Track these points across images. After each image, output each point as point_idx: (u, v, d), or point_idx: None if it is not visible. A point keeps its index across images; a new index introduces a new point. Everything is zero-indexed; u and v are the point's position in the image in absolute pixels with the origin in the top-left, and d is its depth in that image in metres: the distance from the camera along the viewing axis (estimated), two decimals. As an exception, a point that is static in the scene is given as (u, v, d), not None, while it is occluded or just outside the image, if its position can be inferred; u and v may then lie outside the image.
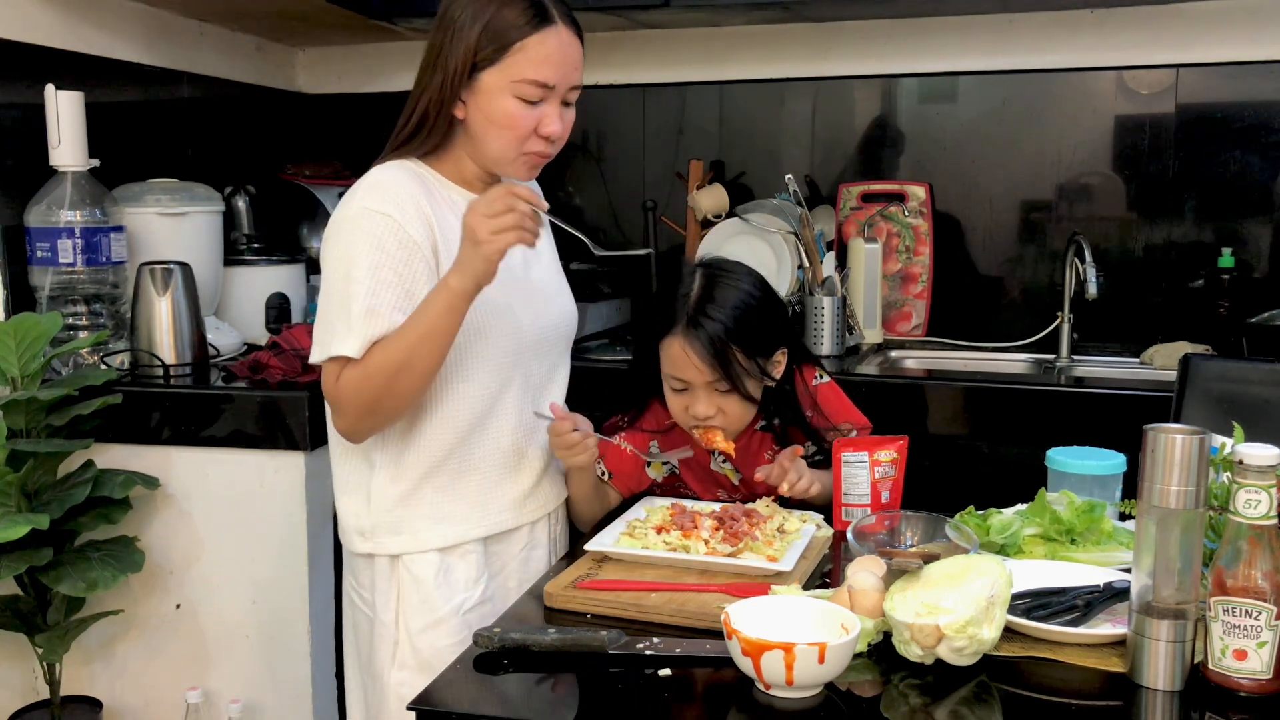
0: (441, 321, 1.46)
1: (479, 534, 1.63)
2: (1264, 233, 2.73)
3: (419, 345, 1.47)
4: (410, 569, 1.60)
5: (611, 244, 3.15)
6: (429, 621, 1.59)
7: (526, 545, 1.70)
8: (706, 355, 1.68)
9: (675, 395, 1.75)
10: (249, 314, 2.60)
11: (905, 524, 1.52)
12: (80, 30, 2.44)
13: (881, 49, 2.93)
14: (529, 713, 1.20)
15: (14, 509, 1.92)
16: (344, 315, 1.50)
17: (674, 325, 1.70)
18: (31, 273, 2.23)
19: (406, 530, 1.60)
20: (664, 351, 1.73)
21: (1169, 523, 1.13)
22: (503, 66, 1.52)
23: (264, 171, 2.97)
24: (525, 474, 1.67)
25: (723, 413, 1.73)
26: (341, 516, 1.66)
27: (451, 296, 1.45)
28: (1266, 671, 1.12)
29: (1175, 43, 2.74)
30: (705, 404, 1.72)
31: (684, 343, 1.69)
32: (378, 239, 1.50)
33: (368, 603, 1.65)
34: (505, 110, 1.53)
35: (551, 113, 1.55)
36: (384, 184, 1.54)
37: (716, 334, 1.68)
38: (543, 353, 1.69)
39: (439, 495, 1.60)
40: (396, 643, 1.61)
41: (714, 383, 1.71)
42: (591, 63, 3.10)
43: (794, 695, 1.13)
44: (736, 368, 1.69)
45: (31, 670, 2.17)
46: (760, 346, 1.73)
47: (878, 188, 2.97)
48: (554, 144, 1.59)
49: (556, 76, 1.53)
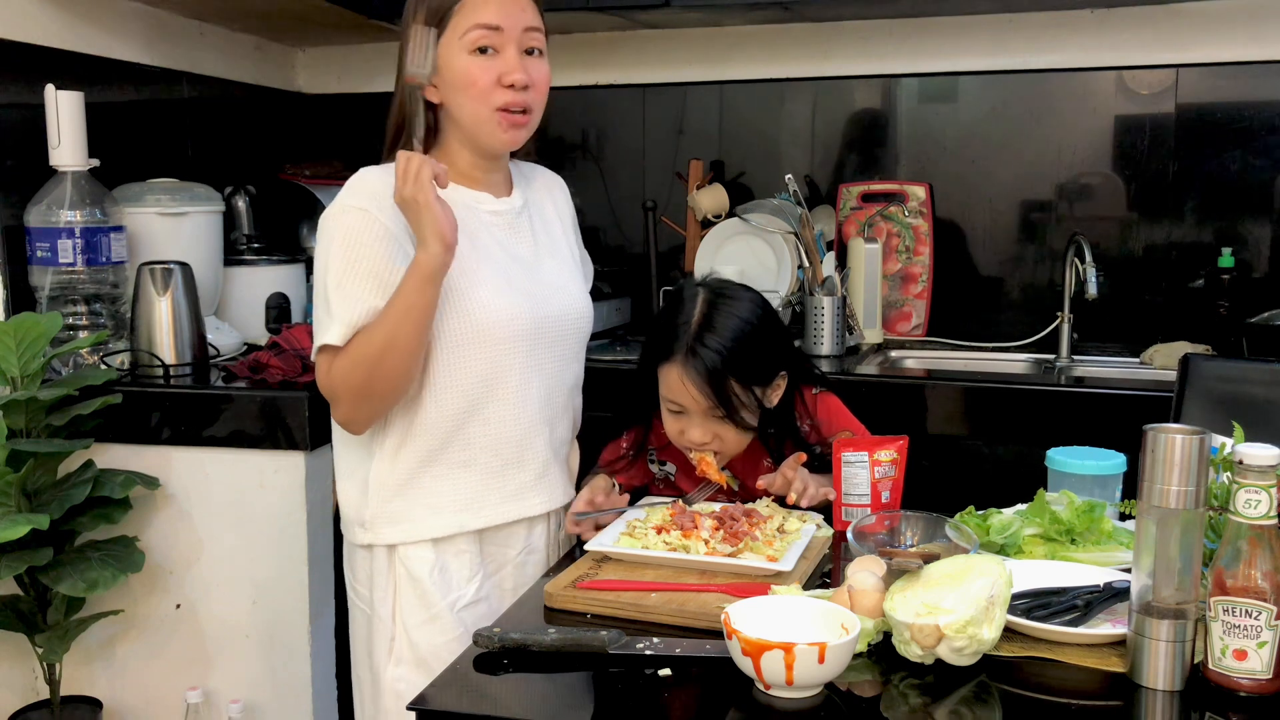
0: (416, 296, 1.49)
1: (477, 524, 1.63)
2: (1264, 233, 2.73)
3: (400, 323, 1.50)
4: (407, 565, 1.61)
5: (611, 244, 3.16)
6: (425, 617, 1.60)
7: (524, 549, 1.70)
8: (704, 385, 1.67)
9: (672, 418, 1.75)
10: (249, 314, 2.60)
11: (905, 524, 1.52)
12: (80, 30, 2.44)
13: (881, 49, 2.93)
14: (529, 713, 1.20)
15: (14, 509, 1.92)
16: (325, 307, 1.54)
17: (673, 353, 1.70)
18: (31, 273, 2.23)
19: (405, 519, 1.61)
20: (663, 376, 1.73)
21: (1169, 523, 1.13)
22: (451, 29, 1.56)
23: (264, 171, 2.98)
24: (527, 467, 1.67)
25: (719, 439, 1.73)
26: (342, 507, 1.68)
27: (420, 269, 1.49)
28: (1266, 671, 1.12)
29: (1175, 43, 2.74)
30: (701, 431, 1.72)
31: (682, 372, 1.69)
32: (353, 232, 1.53)
33: (364, 598, 1.66)
34: (463, 69, 1.56)
35: (510, 58, 1.57)
36: (360, 181, 1.59)
37: (714, 365, 1.67)
38: (547, 345, 1.67)
39: (437, 484, 1.61)
40: (393, 638, 1.62)
41: (710, 410, 1.70)
42: (591, 63, 3.14)
43: (794, 695, 1.13)
44: (733, 399, 1.69)
45: (31, 670, 2.17)
46: (758, 375, 1.72)
47: (878, 188, 2.97)
48: (526, 95, 1.58)
49: (500, 17, 1.56)
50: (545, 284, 1.68)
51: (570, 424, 1.77)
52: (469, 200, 1.63)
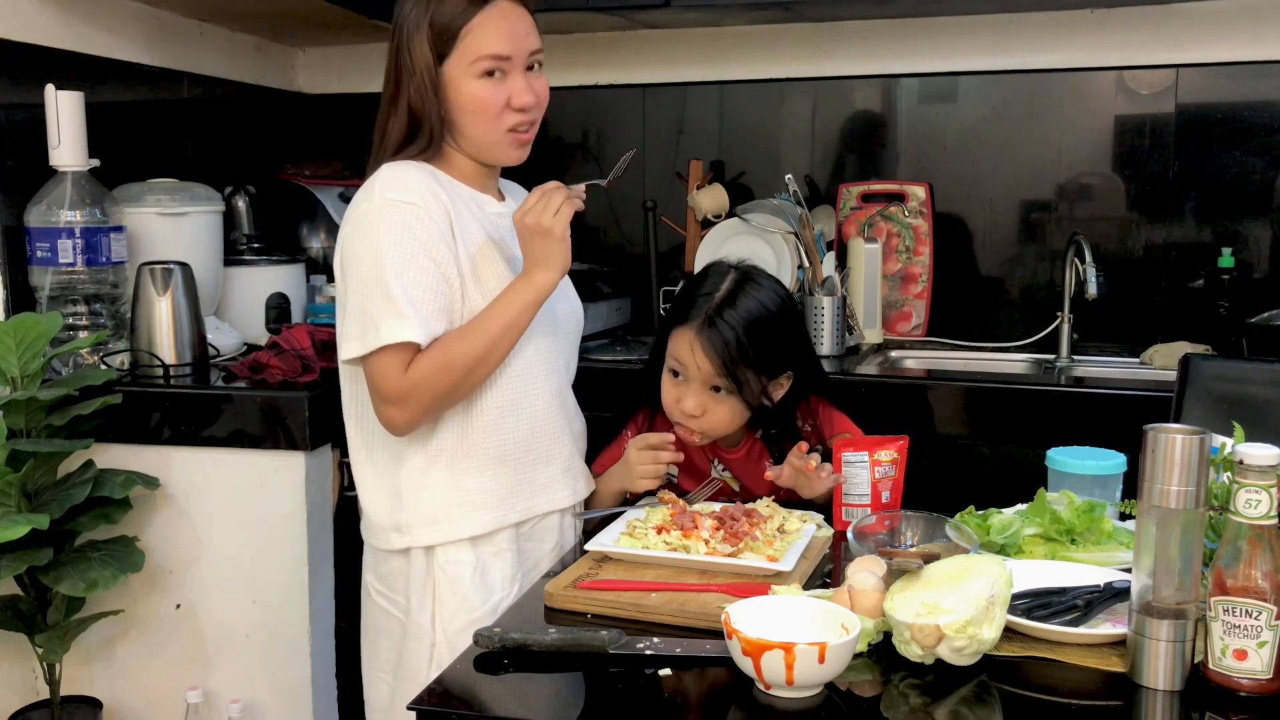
0: (525, 315, 1.55)
1: (514, 518, 1.64)
2: (1264, 233, 2.73)
3: (501, 337, 1.53)
4: (446, 570, 1.60)
5: (611, 244, 3.16)
6: (467, 622, 1.58)
7: (556, 545, 1.71)
8: (713, 355, 1.71)
9: (671, 383, 1.78)
10: (249, 314, 2.60)
11: (905, 524, 1.52)
12: (80, 30, 2.44)
13: (881, 49, 2.93)
14: (529, 713, 1.20)
15: (14, 509, 1.92)
16: (387, 304, 1.50)
17: (690, 319, 1.74)
18: (31, 273, 2.23)
19: (443, 519, 1.60)
20: (674, 339, 1.77)
21: (1169, 523, 1.13)
22: (458, 54, 1.56)
23: (264, 171, 2.97)
24: (555, 460, 1.69)
25: (708, 415, 1.75)
26: (372, 516, 1.66)
27: (538, 291, 1.54)
28: (1266, 671, 1.12)
29: (1175, 43, 2.74)
30: (695, 401, 1.74)
31: (694, 337, 1.72)
32: (406, 227, 1.52)
33: (399, 606, 1.64)
34: (473, 94, 1.57)
35: (518, 83, 1.58)
36: (401, 177, 1.57)
37: (729, 339, 1.70)
38: (559, 340, 1.72)
39: (473, 481, 1.61)
40: (434, 644, 1.60)
41: (711, 382, 1.72)
42: (591, 63, 3.14)
43: (794, 695, 1.13)
44: (739, 376, 1.71)
45: (31, 670, 2.17)
46: (766, 363, 1.74)
47: (878, 188, 2.97)
48: (531, 113, 1.61)
49: (510, 47, 1.57)
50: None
51: (581, 419, 1.80)
52: (480, 202, 1.66)
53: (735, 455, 1.86)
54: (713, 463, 1.87)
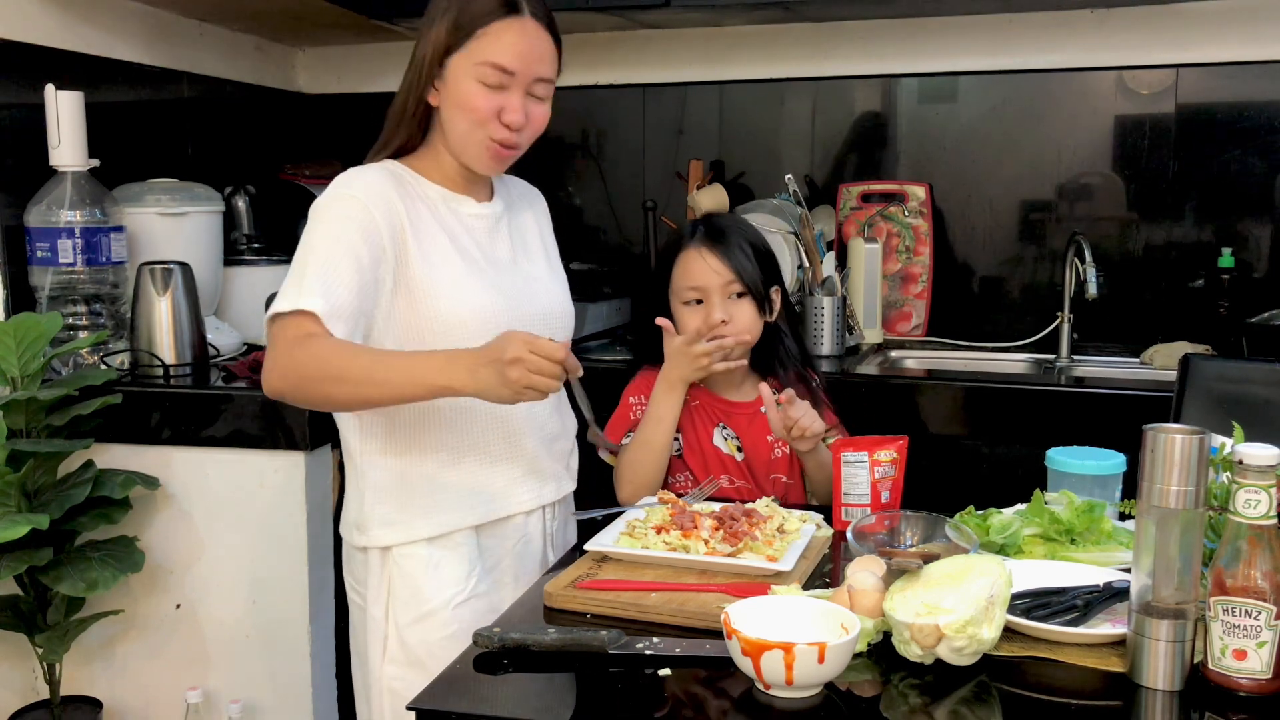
0: (411, 390, 1.44)
1: (471, 522, 1.63)
2: (1264, 233, 2.73)
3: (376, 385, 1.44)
4: (400, 563, 1.61)
5: (611, 244, 3.16)
6: (417, 615, 1.60)
7: (521, 539, 1.70)
8: (723, 255, 1.85)
9: (690, 312, 1.87)
10: (249, 314, 2.60)
11: (905, 524, 1.52)
12: (80, 30, 2.44)
13: (881, 49, 2.93)
14: (529, 713, 1.20)
15: (14, 509, 1.92)
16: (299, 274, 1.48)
17: (687, 242, 1.89)
18: (31, 273, 2.23)
19: (398, 522, 1.61)
20: (680, 266, 1.88)
21: (1169, 523, 1.13)
22: (468, 51, 1.56)
23: (264, 171, 2.98)
24: (517, 463, 1.67)
25: (735, 320, 1.85)
26: (345, 510, 1.68)
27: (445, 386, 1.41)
28: (1266, 671, 1.12)
29: (1175, 43, 2.74)
30: (720, 309, 1.84)
31: (699, 249, 1.86)
32: (341, 215, 1.53)
33: (361, 597, 1.67)
34: (467, 92, 1.56)
35: (514, 101, 1.57)
36: (358, 174, 1.59)
37: (732, 239, 1.87)
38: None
39: (427, 485, 1.61)
40: (386, 636, 1.62)
41: (728, 287, 1.85)
42: (591, 63, 3.14)
43: (794, 695, 1.13)
44: (751, 269, 1.85)
45: (31, 670, 2.17)
46: (762, 264, 1.88)
47: (878, 188, 2.97)
48: (519, 135, 1.59)
49: (517, 64, 1.56)
50: (525, 283, 1.69)
51: (561, 422, 1.76)
52: (451, 202, 1.65)
53: (743, 411, 1.90)
54: (717, 428, 1.90)
